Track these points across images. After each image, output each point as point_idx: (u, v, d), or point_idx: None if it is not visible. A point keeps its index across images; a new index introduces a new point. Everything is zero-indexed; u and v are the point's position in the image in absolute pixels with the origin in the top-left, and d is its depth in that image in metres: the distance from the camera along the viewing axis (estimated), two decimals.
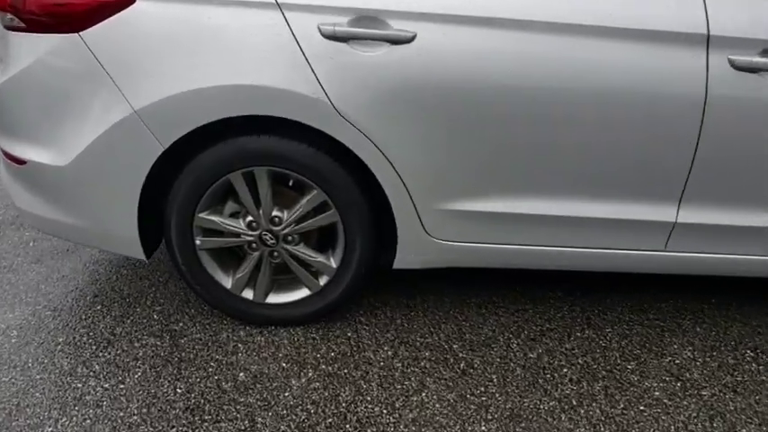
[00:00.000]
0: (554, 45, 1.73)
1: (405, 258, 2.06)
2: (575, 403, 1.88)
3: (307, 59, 1.77)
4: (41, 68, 1.86)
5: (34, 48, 1.85)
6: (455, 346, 2.12)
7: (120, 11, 1.79)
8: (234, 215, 2.08)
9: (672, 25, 1.73)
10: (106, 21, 1.79)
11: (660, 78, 1.75)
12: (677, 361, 2.05)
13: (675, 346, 2.12)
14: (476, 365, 2.02)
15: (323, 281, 2.13)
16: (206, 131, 1.90)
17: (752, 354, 2.09)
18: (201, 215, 2.03)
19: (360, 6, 1.75)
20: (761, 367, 2.02)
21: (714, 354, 2.09)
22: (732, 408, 1.86)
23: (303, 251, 2.09)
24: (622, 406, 1.87)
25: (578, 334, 2.18)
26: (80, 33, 1.80)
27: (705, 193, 1.90)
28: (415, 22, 1.75)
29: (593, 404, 1.88)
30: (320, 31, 1.76)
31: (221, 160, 1.93)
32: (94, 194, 1.99)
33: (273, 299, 2.18)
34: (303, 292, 2.17)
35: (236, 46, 1.77)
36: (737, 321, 2.26)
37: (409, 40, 1.75)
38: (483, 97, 1.78)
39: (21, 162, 2.01)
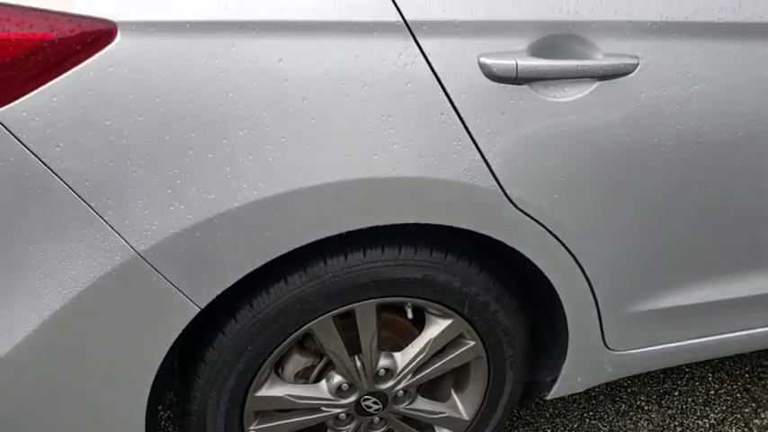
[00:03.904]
0: None
1: (568, 384, 1.38)
2: None
3: (462, 121, 1.00)
4: None
5: None
6: None
7: (76, 62, 0.86)
8: (302, 375, 1.26)
9: None
10: (51, 83, 0.86)
11: None
12: None
13: None
14: None
15: None
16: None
17: None
18: (260, 393, 1.18)
19: (550, 19, 1.01)
20: None
21: None
22: None
23: (422, 408, 1.32)
24: None
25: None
26: None
27: None
28: (634, 39, 1.05)
29: None
30: (483, 68, 0.99)
31: (299, 305, 1.10)
32: (66, 405, 1.06)
33: None
34: None
35: (329, 111, 0.95)
36: None
37: (629, 71, 1.05)
38: (740, 149, 1.15)
39: None
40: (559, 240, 1.14)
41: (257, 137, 0.93)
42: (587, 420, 1.66)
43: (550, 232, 1.12)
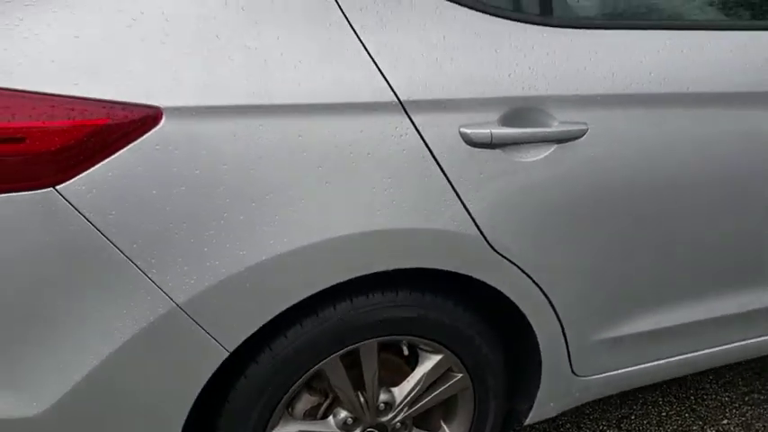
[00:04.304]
0: None
1: (542, 410, 1.55)
2: None
3: (448, 179, 1.20)
4: None
5: None
6: None
7: (128, 142, 1.03)
8: (309, 413, 1.39)
9: None
10: (107, 161, 1.02)
11: None
12: None
13: None
14: None
15: None
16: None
17: None
18: (276, 431, 1.31)
19: (515, 95, 1.22)
20: None
21: None
22: None
23: None
24: None
25: None
26: (58, 187, 1.01)
27: None
28: (583, 109, 1.28)
29: None
30: (463, 136, 1.20)
31: (312, 347, 1.24)
32: None
33: None
34: None
35: (340, 175, 1.13)
36: None
37: (579, 135, 1.27)
38: (672, 195, 1.38)
39: None
40: (531, 278, 1.33)
41: (282, 199, 1.10)
42: None
43: (523, 272, 1.31)
